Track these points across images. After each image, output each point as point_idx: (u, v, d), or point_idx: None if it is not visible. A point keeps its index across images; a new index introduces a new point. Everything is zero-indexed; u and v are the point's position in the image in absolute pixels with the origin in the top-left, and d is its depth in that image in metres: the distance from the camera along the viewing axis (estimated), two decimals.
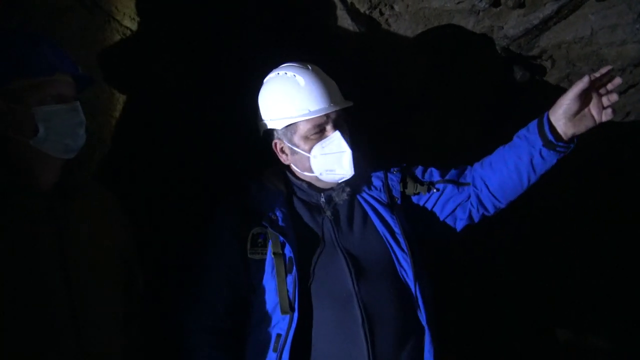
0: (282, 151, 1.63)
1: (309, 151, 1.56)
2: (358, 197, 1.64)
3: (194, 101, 2.00)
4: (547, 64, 2.04)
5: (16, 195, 1.23)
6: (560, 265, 2.46)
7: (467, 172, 1.67)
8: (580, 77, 1.42)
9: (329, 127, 1.55)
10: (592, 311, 2.48)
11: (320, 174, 1.59)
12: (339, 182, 1.61)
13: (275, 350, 1.43)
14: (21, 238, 1.21)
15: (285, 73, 1.58)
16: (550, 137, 1.46)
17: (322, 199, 1.60)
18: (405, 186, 1.66)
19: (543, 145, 1.48)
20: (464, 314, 2.31)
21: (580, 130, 1.46)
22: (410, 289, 1.50)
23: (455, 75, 2.08)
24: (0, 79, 1.21)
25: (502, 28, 1.93)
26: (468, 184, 1.64)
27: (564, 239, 2.43)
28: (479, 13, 1.88)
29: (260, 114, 1.64)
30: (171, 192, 1.96)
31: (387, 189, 1.64)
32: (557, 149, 1.48)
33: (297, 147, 1.58)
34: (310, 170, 1.59)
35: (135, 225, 1.52)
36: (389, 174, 1.67)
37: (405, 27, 1.96)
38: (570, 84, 2.09)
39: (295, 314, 1.42)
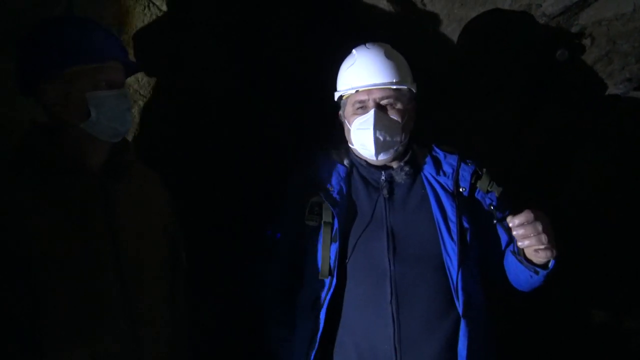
0: (341, 123, 1.72)
1: (351, 124, 1.63)
2: (423, 177, 1.64)
3: (238, 82, 2.04)
4: (587, 41, 1.99)
5: (68, 174, 1.30)
6: (596, 244, 2.42)
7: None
8: (621, 55, 1.38)
9: (370, 104, 1.60)
10: (628, 292, 2.44)
11: (357, 148, 1.65)
12: (373, 160, 1.64)
13: (313, 309, 1.53)
14: (74, 215, 1.27)
15: (353, 51, 1.68)
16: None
17: (382, 177, 1.63)
18: (477, 179, 1.62)
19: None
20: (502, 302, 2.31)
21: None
22: (451, 278, 1.49)
23: (491, 55, 2.05)
24: (57, 65, 1.27)
25: (541, 6, 1.89)
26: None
27: (602, 218, 2.39)
28: None
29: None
30: (213, 175, 2.02)
31: (457, 177, 1.62)
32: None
33: (345, 118, 1.68)
34: (352, 142, 1.66)
35: (179, 202, 1.59)
36: (462, 164, 1.65)
37: (440, 6, 1.94)
38: (611, 62, 2.05)
39: (334, 281, 1.51)
